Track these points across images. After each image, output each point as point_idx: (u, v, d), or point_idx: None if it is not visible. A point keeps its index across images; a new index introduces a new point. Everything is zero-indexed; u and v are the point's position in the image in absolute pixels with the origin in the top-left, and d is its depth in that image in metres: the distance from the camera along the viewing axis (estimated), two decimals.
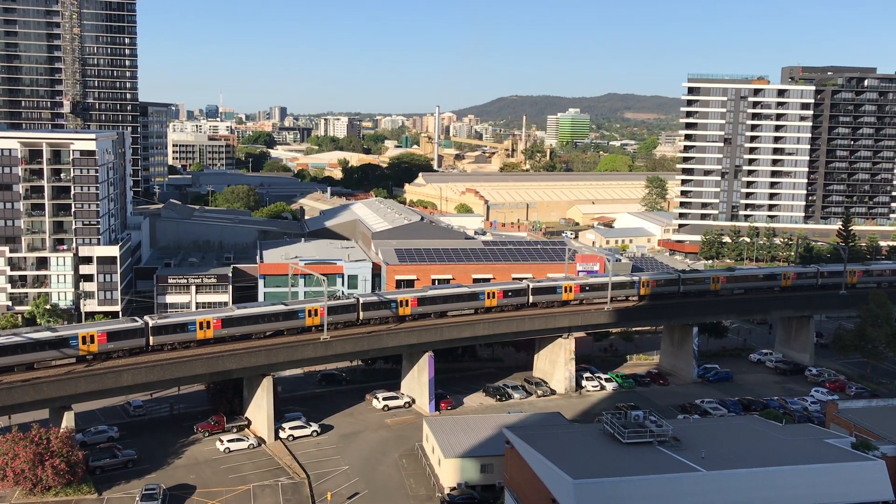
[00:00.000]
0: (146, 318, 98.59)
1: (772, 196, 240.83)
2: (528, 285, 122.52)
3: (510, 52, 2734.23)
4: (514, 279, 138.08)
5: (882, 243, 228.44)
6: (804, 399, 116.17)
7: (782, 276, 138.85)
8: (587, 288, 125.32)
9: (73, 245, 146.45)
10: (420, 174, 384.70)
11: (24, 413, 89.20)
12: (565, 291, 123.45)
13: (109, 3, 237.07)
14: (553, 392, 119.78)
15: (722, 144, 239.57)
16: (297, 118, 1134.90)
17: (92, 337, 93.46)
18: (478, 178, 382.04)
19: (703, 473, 65.44)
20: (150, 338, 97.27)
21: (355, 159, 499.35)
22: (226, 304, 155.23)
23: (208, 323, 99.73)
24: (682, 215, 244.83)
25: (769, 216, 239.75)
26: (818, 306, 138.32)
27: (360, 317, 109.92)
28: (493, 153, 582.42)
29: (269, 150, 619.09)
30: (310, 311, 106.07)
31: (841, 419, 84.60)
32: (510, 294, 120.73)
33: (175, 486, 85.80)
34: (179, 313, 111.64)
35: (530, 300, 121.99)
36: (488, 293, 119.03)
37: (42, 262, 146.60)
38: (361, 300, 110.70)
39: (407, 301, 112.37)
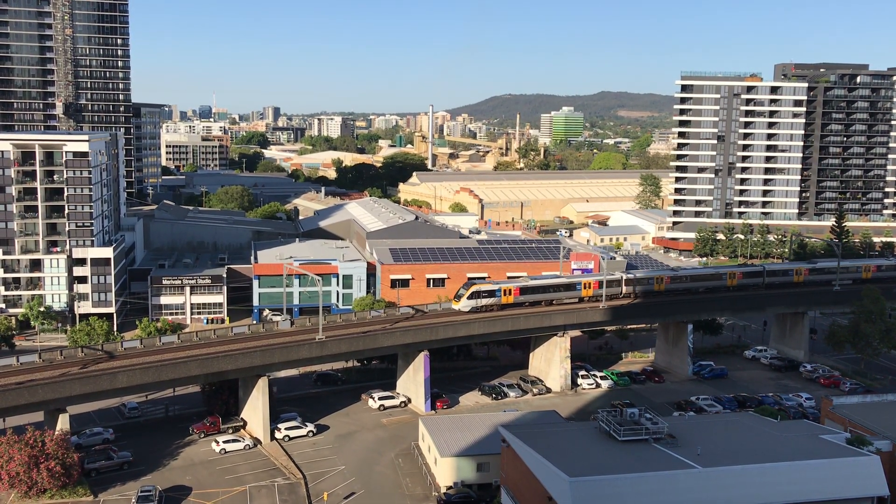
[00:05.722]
0: (621, 273, 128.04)
1: (765, 193, 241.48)
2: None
3: (504, 51, 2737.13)
4: (508, 278, 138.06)
5: (875, 239, 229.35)
6: (798, 395, 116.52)
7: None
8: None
9: (67, 247, 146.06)
10: (414, 173, 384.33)
11: (18, 416, 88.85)
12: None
13: (101, 4, 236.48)
14: (549, 390, 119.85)
15: (715, 142, 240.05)
16: (291, 118, 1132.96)
17: (589, 284, 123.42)
18: (472, 177, 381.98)
19: (699, 470, 65.57)
20: (623, 287, 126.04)
21: (349, 159, 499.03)
22: (220, 304, 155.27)
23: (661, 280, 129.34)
24: (676, 213, 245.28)
25: (763, 213, 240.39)
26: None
27: None
28: (487, 152, 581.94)
29: (263, 151, 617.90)
30: None
31: (835, 415, 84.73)
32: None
33: (171, 488, 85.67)
34: (644, 272, 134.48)
35: None
36: None
37: (35, 265, 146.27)
38: None
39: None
